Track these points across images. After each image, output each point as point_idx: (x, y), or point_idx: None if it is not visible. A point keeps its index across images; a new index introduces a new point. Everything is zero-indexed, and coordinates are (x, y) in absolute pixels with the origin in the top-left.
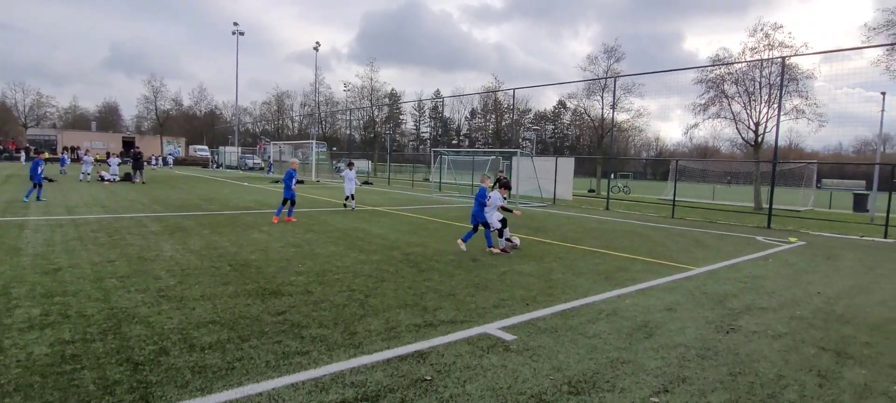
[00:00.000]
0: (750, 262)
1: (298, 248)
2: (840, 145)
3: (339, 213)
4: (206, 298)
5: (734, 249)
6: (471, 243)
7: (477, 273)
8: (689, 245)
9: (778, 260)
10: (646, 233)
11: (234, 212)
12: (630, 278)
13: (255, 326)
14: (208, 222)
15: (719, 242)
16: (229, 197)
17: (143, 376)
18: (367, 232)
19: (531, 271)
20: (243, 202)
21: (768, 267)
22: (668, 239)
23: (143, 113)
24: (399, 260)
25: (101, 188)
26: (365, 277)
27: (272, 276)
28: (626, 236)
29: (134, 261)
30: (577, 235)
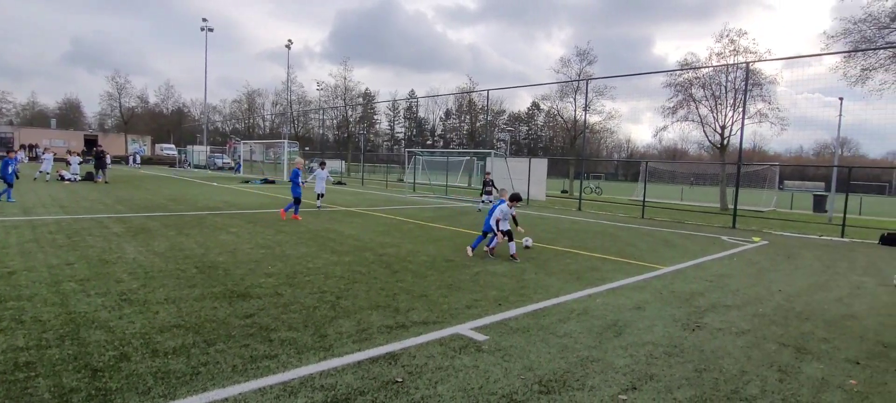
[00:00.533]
0: (715, 261)
1: (268, 250)
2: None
3: (311, 214)
4: (171, 301)
5: (701, 249)
6: (466, 249)
7: (450, 274)
8: (658, 244)
9: (742, 259)
10: (616, 233)
11: (201, 213)
12: (600, 277)
13: (221, 330)
14: (174, 223)
15: (687, 242)
16: (197, 197)
17: (102, 383)
18: (339, 233)
19: (504, 271)
20: (212, 202)
21: (733, 265)
22: (637, 238)
23: (107, 110)
24: (372, 261)
25: (61, 188)
26: (336, 278)
27: (241, 278)
28: (597, 236)
29: (94, 264)
30: (550, 235)
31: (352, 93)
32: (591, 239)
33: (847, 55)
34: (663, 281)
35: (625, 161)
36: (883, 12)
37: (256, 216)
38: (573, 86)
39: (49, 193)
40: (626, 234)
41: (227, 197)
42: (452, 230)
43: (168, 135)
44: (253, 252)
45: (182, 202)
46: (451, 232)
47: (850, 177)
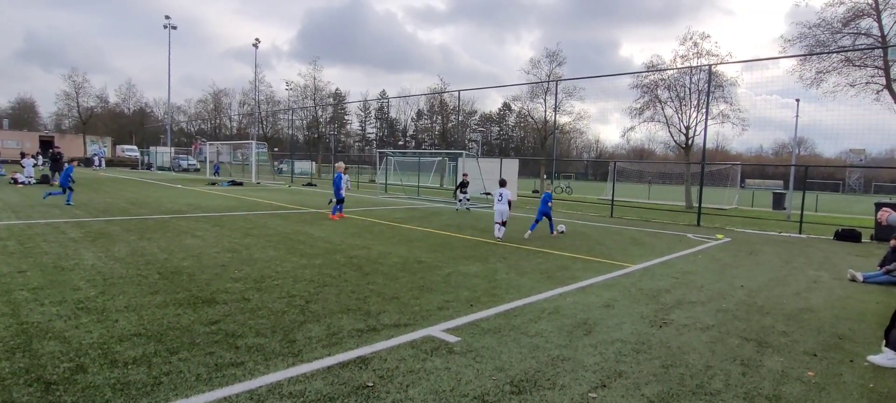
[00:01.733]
0: (681, 258)
1: (235, 253)
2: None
3: (279, 217)
4: (132, 309)
5: (667, 246)
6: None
7: (422, 275)
8: (627, 243)
9: (706, 256)
10: (586, 232)
11: (165, 217)
12: (571, 276)
13: (185, 337)
14: (136, 227)
15: (654, 240)
16: (161, 200)
17: (56, 396)
18: (308, 236)
19: (476, 272)
20: (176, 205)
21: (698, 262)
22: (606, 237)
23: (64, 110)
24: (342, 263)
25: (14, 191)
26: (306, 282)
27: (206, 284)
28: (568, 236)
29: (49, 271)
30: (519, 236)
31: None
32: (562, 239)
33: (802, 58)
34: (631, 279)
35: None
36: (835, 18)
37: (223, 219)
38: (543, 88)
39: (0, 197)
40: (595, 233)
41: (192, 199)
42: (424, 231)
43: (130, 136)
44: (219, 256)
45: (144, 205)
46: (423, 233)
47: (806, 175)
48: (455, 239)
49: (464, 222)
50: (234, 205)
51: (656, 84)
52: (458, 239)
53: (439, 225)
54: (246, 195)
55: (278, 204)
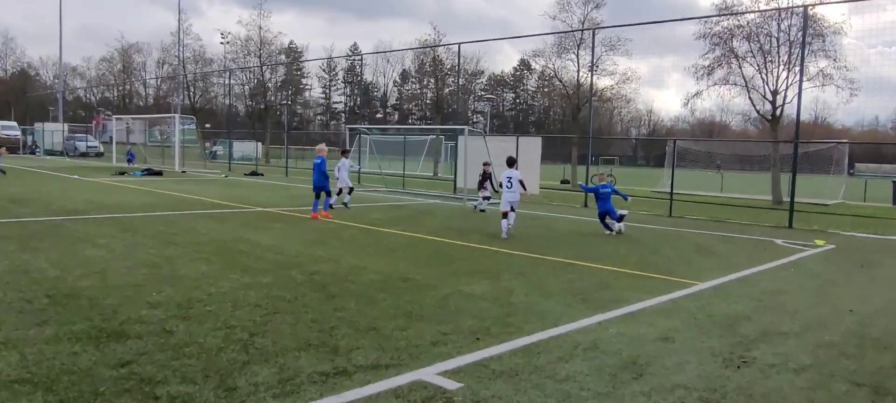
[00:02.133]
0: (767, 273)
1: (153, 269)
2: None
3: (213, 219)
4: (11, 345)
5: (747, 257)
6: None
7: (409, 297)
8: (691, 252)
9: (801, 269)
10: (635, 237)
11: (56, 219)
12: (614, 298)
13: (85, 384)
14: (17, 234)
15: (729, 248)
16: (51, 196)
17: None
18: (253, 244)
19: (483, 292)
20: (71, 203)
21: (789, 279)
22: (663, 244)
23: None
24: (300, 282)
25: None
26: (250, 308)
27: (113, 311)
28: (609, 242)
29: None
30: (545, 242)
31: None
32: (602, 246)
33: None
34: (698, 302)
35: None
36: None
37: (136, 222)
38: (575, 39)
39: None
40: (647, 238)
41: (93, 195)
42: (412, 236)
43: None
44: (131, 272)
45: (28, 203)
46: (411, 240)
47: None
48: (455, 249)
49: (467, 224)
50: (152, 203)
51: (731, 33)
52: (458, 249)
53: (433, 229)
54: (168, 188)
55: (212, 201)
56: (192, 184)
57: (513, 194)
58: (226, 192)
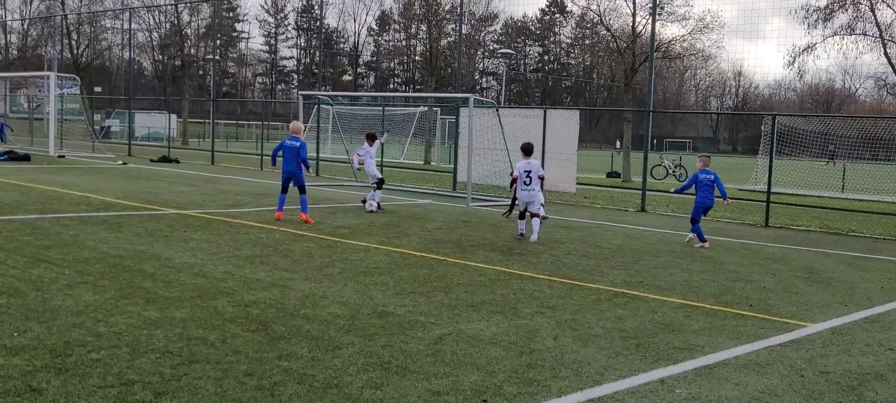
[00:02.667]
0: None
1: (14, 298)
2: None
3: (104, 225)
4: None
5: (878, 286)
6: None
7: (387, 340)
8: (797, 278)
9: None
10: (714, 256)
11: None
12: (683, 345)
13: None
14: None
15: (853, 273)
16: None
17: None
18: (163, 263)
19: (494, 334)
20: None
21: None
22: (756, 267)
23: None
24: (229, 317)
25: None
26: (156, 355)
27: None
28: (676, 262)
29: None
30: (583, 262)
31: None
32: (665, 269)
33: None
34: (807, 352)
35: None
36: None
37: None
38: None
39: None
40: (733, 258)
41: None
42: (393, 251)
43: None
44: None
45: None
46: (391, 257)
47: None
48: (454, 270)
49: (474, 235)
50: (13, 202)
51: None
52: (459, 270)
53: (423, 242)
54: (38, 180)
55: (103, 200)
56: (74, 173)
57: (531, 191)
58: (124, 186)
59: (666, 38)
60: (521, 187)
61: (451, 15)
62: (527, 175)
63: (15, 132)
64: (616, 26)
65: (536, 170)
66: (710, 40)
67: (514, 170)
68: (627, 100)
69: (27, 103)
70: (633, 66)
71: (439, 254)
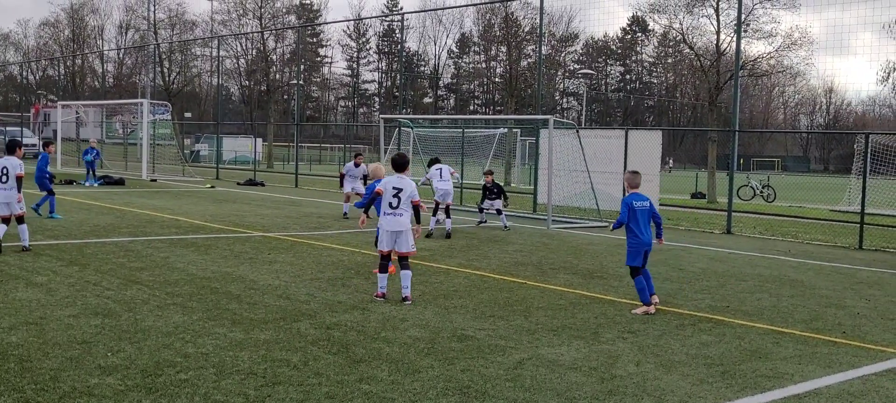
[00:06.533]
0: None
1: (108, 319)
2: None
3: (193, 247)
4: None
5: None
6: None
7: (467, 363)
8: (892, 304)
9: None
10: (804, 281)
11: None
12: (771, 373)
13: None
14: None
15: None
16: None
17: None
18: (248, 285)
19: (574, 359)
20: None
21: None
22: (849, 291)
23: None
24: (312, 339)
25: None
26: (241, 376)
27: (52, 377)
28: (763, 286)
29: None
30: (666, 286)
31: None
32: (752, 293)
33: None
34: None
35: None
36: None
37: (86, 251)
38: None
39: None
40: (825, 283)
41: (27, 211)
42: (472, 274)
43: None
44: (77, 323)
45: None
46: (471, 280)
47: None
48: (534, 293)
49: (555, 258)
50: (108, 225)
51: None
52: (539, 293)
53: (502, 264)
54: (131, 204)
55: (192, 222)
56: (165, 197)
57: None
58: (212, 209)
59: (752, 55)
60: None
61: (530, 36)
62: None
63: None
64: (700, 44)
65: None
66: (798, 57)
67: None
68: (712, 119)
69: (122, 129)
70: (717, 85)
71: (519, 277)
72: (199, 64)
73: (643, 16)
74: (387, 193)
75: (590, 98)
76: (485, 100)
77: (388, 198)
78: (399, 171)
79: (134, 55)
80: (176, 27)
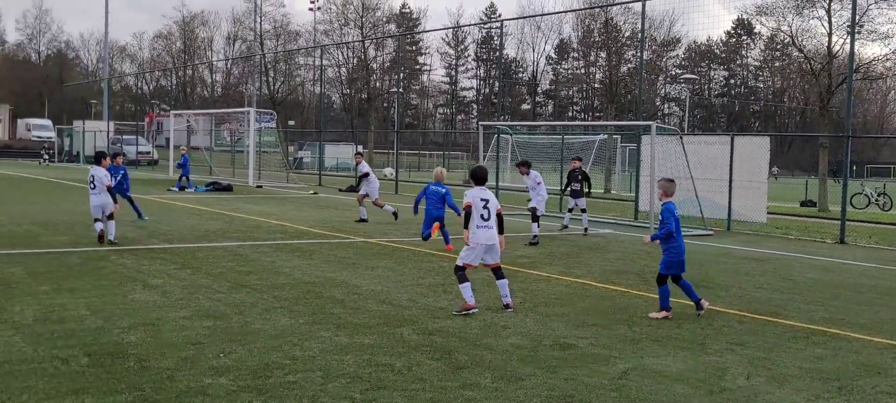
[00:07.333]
0: None
1: (219, 321)
2: None
3: (297, 252)
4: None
5: None
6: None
7: (569, 372)
8: None
9: None
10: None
11: (98, 249)
12: (892, 390)
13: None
14: (48, 269)
15: None
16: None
17: None
18: (351, 289)
19: (680, 371)
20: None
21: None
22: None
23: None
24: (414, 345)
25: None
26: (346, 380)
27: (168, 377)
28: (881, 299)
29: None
30: (775, 297)
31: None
32: (870, 305)
33: None
34: None
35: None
36: None
37: (197, 255)
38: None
39: None
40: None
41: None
42: (573, 282)
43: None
44: (189, 325)
45: (59, 228)
46: (572, 288)
47: None
48: (637, 302)
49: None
50: (218, 230)
51: None
52: (643, 302)
53: (604, 272)
54: (239, 209)
55: (296, 228)
56: (270, 203)
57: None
58: (315, 215)
59: (866, 57)
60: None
61: (631, 41)
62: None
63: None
64: (809, 47)
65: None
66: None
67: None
68: (823, 124)
69: (229, 137)
70: (829, 89)
71: (621, 286)
72: (302, 73)
73: (749, 18)
74: (477, 206)
75: (692, 103)
76: (583, 105)
77: (479, 211)
78: (480, 184)
79: (241, 65)
80: (281, 38)
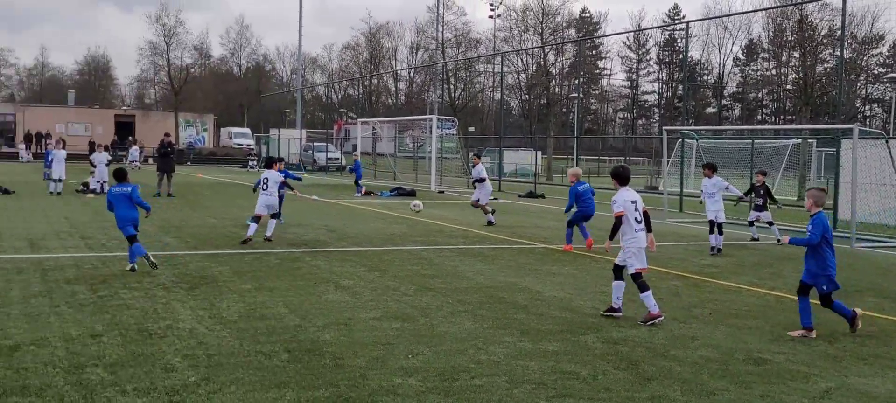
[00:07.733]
0: None
1: (407, 322)
2: None
3: (479, 257)
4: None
5: None
6: None
7: (765, 387)
8: None
9: None
10: None
11: (293, 250)
12: None
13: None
14: (251, 268)
15: None
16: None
17: None
18: (533, 295)
19: (890, 392)
20: (309, 232)
21: None
22: None
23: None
24: (599, 353)
25: (82, 205)
26: (532, 386)
27: (361, 375)
28: None
29: (131, 337)
30: None
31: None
32: None
33: None
34: None
35: None
36: None
37: (384, 257)
38: None
39: (67, 213)
40: None
41: (333, 220)
42: (766, 294)
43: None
44: (379, 326)
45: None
46: (764, 300)
47: None
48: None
49: (861, 279)
50: (402, 233)
51: None
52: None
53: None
54: (421, 214)
55: (477, 233)
56: (451, 208)
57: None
58: (495, 221)
59: None
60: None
61: (828, 39)
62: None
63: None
64: None
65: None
66: None
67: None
68: None
69: (412, 143)
70: None
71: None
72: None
73: None
74: (630, 211)
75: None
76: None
77: (633, 215)
78: (624, 184)
79: (423, 73)
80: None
